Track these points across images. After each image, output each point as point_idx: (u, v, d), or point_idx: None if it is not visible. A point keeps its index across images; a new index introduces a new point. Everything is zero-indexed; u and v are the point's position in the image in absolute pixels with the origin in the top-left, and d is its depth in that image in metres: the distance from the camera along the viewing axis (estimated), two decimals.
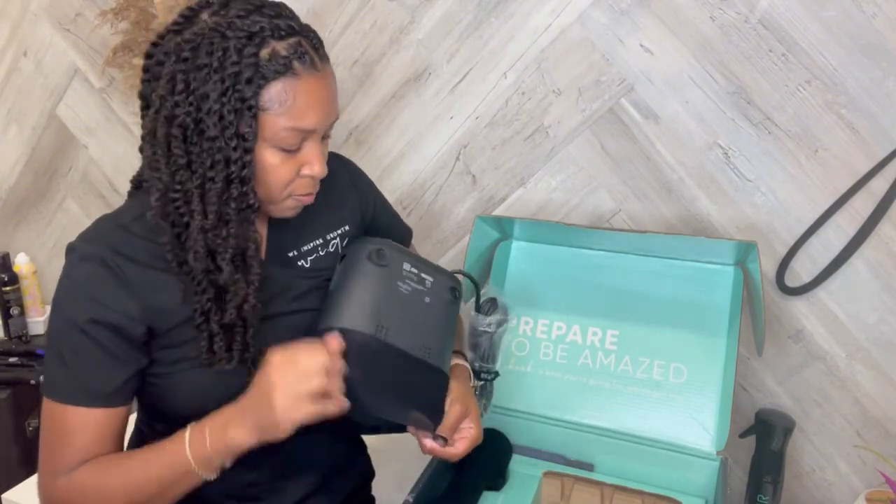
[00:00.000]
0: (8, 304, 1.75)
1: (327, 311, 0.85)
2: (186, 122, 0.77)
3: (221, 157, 0.78)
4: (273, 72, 0.76)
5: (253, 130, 0.77)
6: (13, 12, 1.71)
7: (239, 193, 0.79)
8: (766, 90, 1.13)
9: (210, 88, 0.75)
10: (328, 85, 0.81)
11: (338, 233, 0.98)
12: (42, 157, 1.81)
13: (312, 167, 0.82)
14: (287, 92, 0.77)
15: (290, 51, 0.77)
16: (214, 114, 0.76)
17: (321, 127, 0.81)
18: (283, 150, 0.80)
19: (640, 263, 1.17)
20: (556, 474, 1.11)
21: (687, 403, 1.14)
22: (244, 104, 0.76)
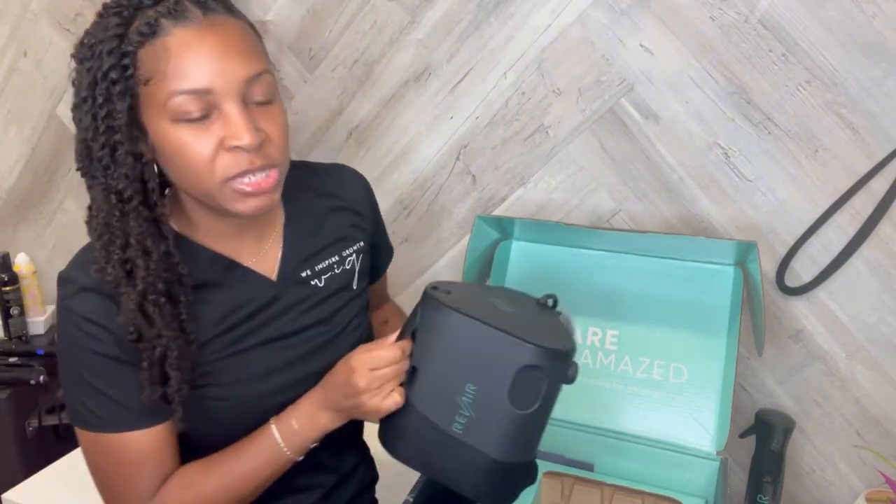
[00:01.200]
0: (8, 304, 1.75)
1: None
2: (82, 124, 0.73)
3: (97, 147, 0.72)
4: (139, 36, 0.69)
5: (120, 108, 0.70)
6: (13, 12, 1.71)
7: (115, 182, 0.73)
8: (766, 90, 1.13)
9: (84, 78, 0.71)
10: (218, 35, 0.70)
11: (354, 249, 0.95)
12: (42, 157, 1.81)
13: (236, 135, 0.71)
14: (159, 54, 0.69)
15: (158, 12, 0.70)
16: (86, 102, 0.71)
17: (222, 84, 0.70)
18: (188, 123, 0.71)
19: (640, 263, 1.17)
20: (556, 474, 1.11)
21: (687, 403, 1.14)
22: (107, 80, 0.69)
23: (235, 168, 0.73)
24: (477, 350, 0.75)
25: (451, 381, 0.76)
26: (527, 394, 0.74)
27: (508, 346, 0.73)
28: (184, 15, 0.70)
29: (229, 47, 0.71)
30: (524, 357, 0.73)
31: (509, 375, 0.73)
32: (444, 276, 1.47)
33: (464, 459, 0.76)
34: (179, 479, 0.82)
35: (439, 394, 0.76)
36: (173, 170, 0.75)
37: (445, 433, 0.76)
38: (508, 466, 0.78)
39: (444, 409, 0.76)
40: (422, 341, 0.78)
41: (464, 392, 0.75)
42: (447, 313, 0.75)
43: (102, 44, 0.69)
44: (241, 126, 0.71)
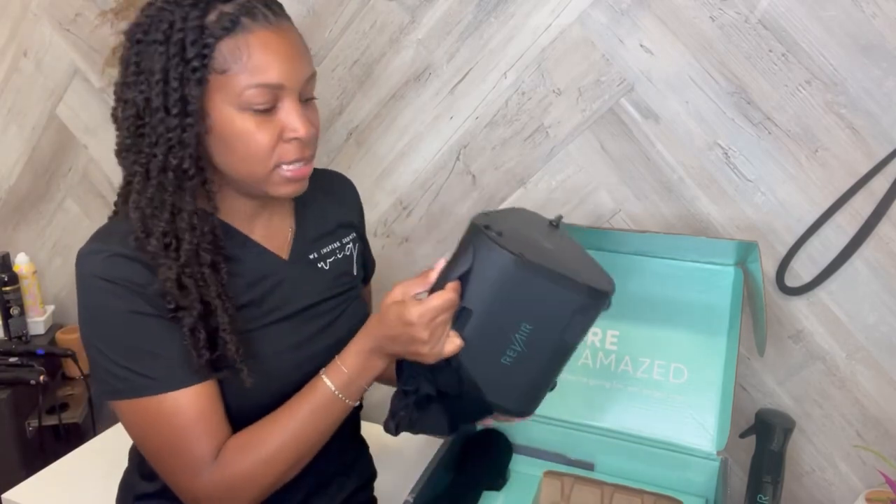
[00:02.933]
0: (8, 304, 1.75)
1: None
2: (138, 101, 0.77)
3: (163, 128, 0.76)
4: (221, 29, 0.75)
5: (196, 94, 0.75)
6: (13, 12, 1.71)
7: (177, 161, 0.77)
8: (766, 90, 1.13)
9: (157, 61, 0.75)
10: (288, 38, 0.79)
11: (350, 238, 1.02)
12: (42, 157, 1.81)
13: (295, 128, 0.79)
14: (241, 48, 0.75)
15: (237, 9, 0.76)
16: (158, 83, 0.75)
17: (290, 81, 0.78)
18: (255, 113, 0.77)
19: (640, 263, 1.17)
20: (557, 474, 1.11)
21: (687, 403, 1.14)
22: (188, 67, 0.74)
23: (290, 156, 0.80)
24: (535, 294, 0.77)
25: (505, 321, 0.78)
26: (576, 329, 0.80)
27: (568, 290, 0.77)
28: (261, 15, 0.76)
29: (297, 49, 0.80)
30: (582, 300, 0.78)
31: (566, 316, 0.78)
32: None
33: (507, 382, 0.81)
34: (238, 442, 0.82)
35: (493, 332, 0.79)
36: (229, 153, 0.79)
37: (495, 364, 0.80)
38: (547, 387, 0.84)
39: (496, 345, 0.79)
40: (476, 283, 0.78)
41: (518, 330, 0.78)
42: (507, 258, 0.76)
43: (182, 32, 0.74)
44: (301, 120, 0.79)
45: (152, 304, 0.78)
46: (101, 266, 0.78)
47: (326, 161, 1.47)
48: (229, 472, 0.80)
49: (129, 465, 1.01)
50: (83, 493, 1.28)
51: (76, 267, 0.80)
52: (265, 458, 0.81)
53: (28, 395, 1.61)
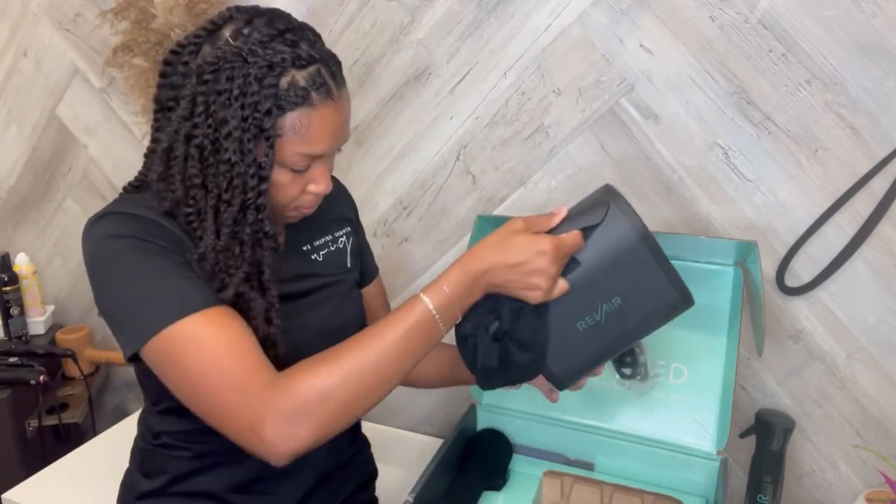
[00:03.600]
0: (8, 304, 1.75)
1: None
2: (205, 143, 0.79)
3: (239, 182, 0.79)
4: (291, 103, 0.78)
5: (269, 160, 0.79)
6: (13, 12, 1.71)
7: (254, 220, 0.81)
8: (766, 90, 1.13)
9: (230, 114, 0.77)
10: (342, 112, 0.83)
11: (343, 232, 1.04)
12: (42, 157, 1.81)
13: (318, 185, 0.85)
14: (302, 121, 0.79)
15: (308, 81, 0.78)
16: (234, 140, 0.77)
17: (331, 151, 0.84)
18: (292, 171, 0.82)
19: None
20: (556, 474, 1.11)
21: (687, 403, 1.14)
22: (262, 133, 0.77)
23: (308, 205, 0.87)
24: (643, 273, 0.81)
25: (604, 286, 0.82)
26: (654, 321, 0.85)
27: (671, 284, 0.82)
28: (325, 92, 0.79)
29: (345, 121, 0.85)
30: (676, 298, 0.83)
31: (656, 305, 0.83)
32: None
33: (569, 347, 0.84)
34: (311, 360, 0.77)
35: (586, 293, 0.82)
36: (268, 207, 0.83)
37: (570, 326, 0.83)
38: (594, 367, 0.89)
39: (582, 307, 0.83)
40: (596, 241, 0.82)
41: (609, 301, 0.82)
42: (637, 228, 0.81)
43: (257, 96, 0.76)
44: (324, 180, 0.85)
45: (163, 248, 0.78)
46: (112, 226, 0.79)
47: None
48: (296, 389, 0.72)
49: (131, 465, 1.01)
50: (83, 493, 1.28)
51: (85, 233, 0.80)
52: (345, 373, 0.74)
53: (28, 395, 1.61)
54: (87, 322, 1.88)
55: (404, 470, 1.26)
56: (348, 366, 0.75)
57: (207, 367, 0.74)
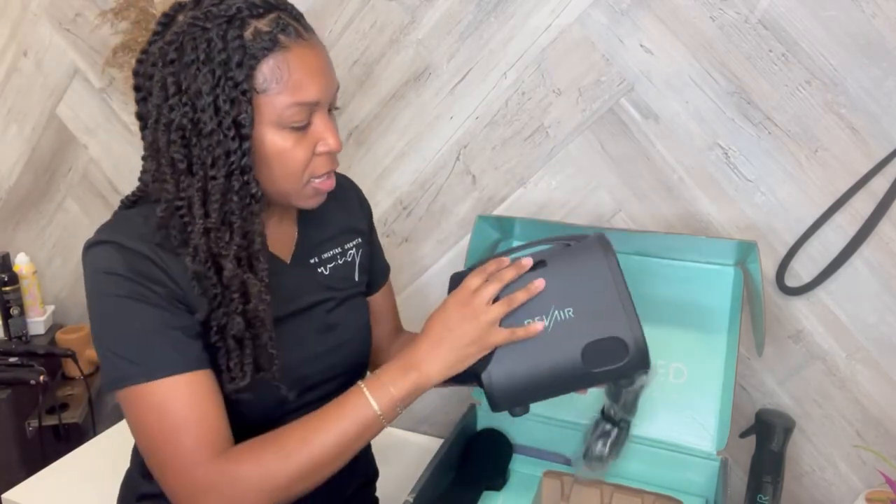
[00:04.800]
0: (8, 304, 1.75)
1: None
2: (184, 123, 0.75)
3: (221, 151, 0.76)
4: (261, 49, 0.74)
5: (249, 115, 0.75)
6: (13, 12, 1.71)
7: (241, 185, 0.77)
8: (766, 90, 1.13)
9: (202, 82, 0.74)
10: (320, 52, 0.80)
11: (353, 244, 1.01)
12: (42, 157, 1.81)
13: (327, 141, 0.81)
14: (280, 67, 0.75)
15: (272, 25, 0.75)
16: (209, 107, 0.74)
17: (325, 97, 0.79)
18: (292, 130, 0.78)
19: (640, 263, 1.17)
20: (556, 474, 1.11)
21: (687, 403, 1.14)
22: (237, 89, 0.74)
23: (322, 169, 0.82)
24: (601, 300, 0.81)
25: (563, 293, 0.82)
26: (596, 357, 0.81)
27: (624, 319, 0.81)
28: (295, 32, 0.77)
29: (327, 63, 0.81)
30: (625, 333, 0.80)
31: (603, 332, 0.80)
32: (444, 276, 1.47)
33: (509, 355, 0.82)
34: (253, 442, 0.79)
35: (545, 292, 0.81)
36: (267, 170, 0.79)
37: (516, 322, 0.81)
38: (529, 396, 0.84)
39: (537, 304, 0.81)
40: (569, 254, 0.85)
41: (563, 309, 0.81)
42: (605, 255, 0.83)
43: (225, 52, 0.73)
44: (332, 134, 0.81)
45: (156, 295, 0.77)
46: (104, 259, 0.78)
47: None
48: (239, 478, 0.76)
49: (131, 465, 1.01)
50: (83, 493, 1.28)
51: (83, 258, 0.80)
52: (287, 463, 0.77)
53: (28, 395, 1.61)
54: (87, 322, 1.87)
55: (404, 470, 1.26)
56: (292, 457, 0.77)
57: (164, 434, 0.77)
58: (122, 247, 0.77)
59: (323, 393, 0.94)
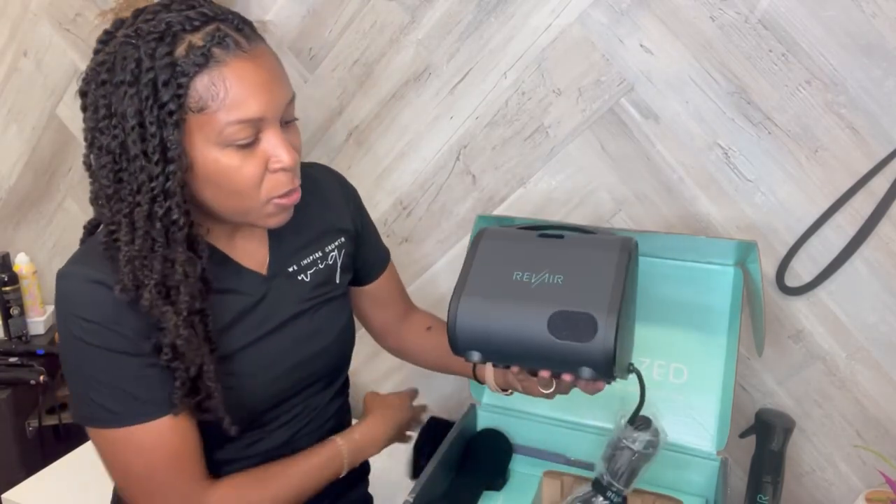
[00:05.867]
0: (8, 304, 1.75)
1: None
2: (112, 147, 0.72)
3: (145, 176, 0.72)
4: (193, 66, 0.70)
5: (176, 138, 0.71)
6: (13, 12, 1.71)
7: (164, 211, 0.73)
8: (766, 90, 1.13)
9: (128, 104, 0.70)
10: (264, 64, 0.74)
11: (335, 245, 0.97)
12: (42, 157, 1.81)
13: (280, 158, 0.75)
14: (216, 83, 0.70)
15: (206, 39, 0.71)
16: (134, 130, 0.70)
17: (270, 112, 0.74)
18: (238, 148, 0.73)
19: (640, 263, 1.17)
20: (557, 474, 1.11)
21: (687, 403, 1.14)
22: (164, 110, 0.70)
23: (281, 188, 0.77)
24: (596, 276, 0.78)
25: (561, 261, 0.80)
26: (563, 327, 0.76)
27: (607, 301, 0.76)
28: (233, 44, 0.72)
29: (274, 74, 0.75)
30: (600, 314, 0.76)
31: (578, 306, 0.76)
32: (445, 276, 1.47)
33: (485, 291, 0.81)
34: (228, 486, 0.83)
35: (545, 255, 0.81)
36: (215, 190, 0.76)
37: (506, 271, 0.80)
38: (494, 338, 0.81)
39: (532, 260, 0.80)
40: (591, 238, 0.85)
41: (554, 275, 0.79)
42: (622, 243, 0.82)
43: (152, 71, 0.69)
44: (285, 149, 0.75)
45: (126, 340, 0.76)
46: (73, 297, 0.76)
47: (326, 161, 1.47)
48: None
49: None
50: (83, 493, 1.28)
51: (56, 288, 0.77)
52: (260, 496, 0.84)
53: (28, 395, 1.61)
54: None
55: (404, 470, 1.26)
56: (270, 493, 0.85)
57: (138, 475, 0.78)
58: (90, 282, 0.75)
59: (302, 398, 0.94)
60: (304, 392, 0.94)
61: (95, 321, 0.75)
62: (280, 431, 0.92)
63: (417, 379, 1.50)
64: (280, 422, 0.92)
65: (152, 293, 0.74)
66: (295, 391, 0.92)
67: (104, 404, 0.76)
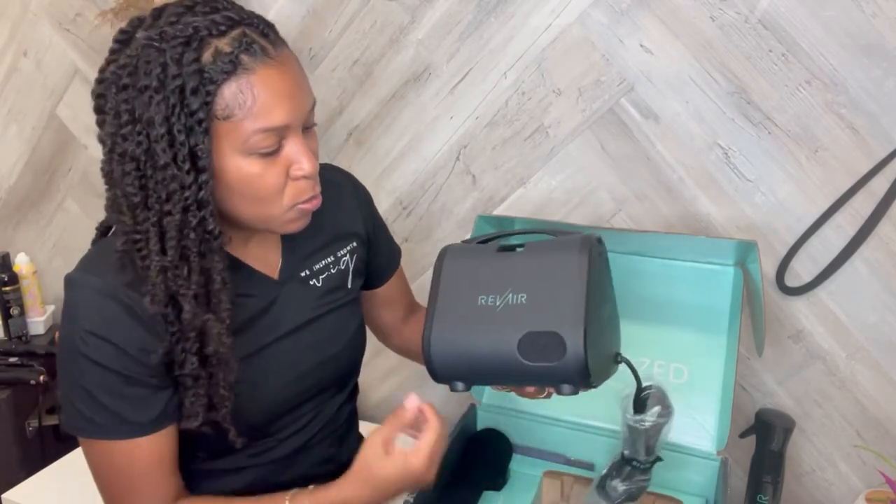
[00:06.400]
0: (8, 304, 1.75)
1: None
2: (137, 154, 0.70)
3: (176, 185, 0.70)
4: (221, 73, 0.69)
5: (206, 146, 0.69)
6: (13, 12, 1.71)
7: (198, 221, 0.72)
8: (766, 90, 1.13)
9: (155, 110, 0.68)
10: (289, 70, 0.73)
11: (347, 249, 0.96)
12: (42, 157, 1.81)
13: (301, 165, 0.75)
14: (244, 91, 0.69)
15: (234, 45, 0.69)
16: (163, 137, 0.69)
17: (295, 119, 0.73)
18: (261, 156, 0.73)
19: (640, 263, 1.17)
20: (557, 474, 1.11)
21: (687, 403, 1.14)
22: (193, 118, 0.68)
23: (303, 195, 0.77)
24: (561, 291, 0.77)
25: (523, 278, 0.78)
26: (533, 350, 0.75)
27: (572, 316, 0.75)
28: (260, 50, 0.71)
29: (298, 81, 0.74)
30: (567, 332, 0.74)
31: (545, 325, 0.75)
32: None
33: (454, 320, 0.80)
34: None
35: (507, 274, 0.79)
36: (238, 198, 0.75)
37: (471, 298, 0.79)
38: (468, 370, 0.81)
39: (495, 283, 0.79)
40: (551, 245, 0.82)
41: (518, 294, 0.77)
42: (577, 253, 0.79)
43: (180, 77, 0.68)
44: (307, 157, 0.75)
45: (128, 358, 0.75)
46: (87, 310, 0.75)
47: (326, 161, 1.47)
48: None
49: None
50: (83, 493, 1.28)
51: (65, 294, 0.77)
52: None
53: (28, 395, 1.61)
54: None
55: None
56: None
57: (118, 487, 0.81)
58: (101, 295, 0.75)
59: (314, 405, 0.94)
60: (314, 399, 0.93)
61: (100, 335, 0.74)
62: (292, 439, 0.92)
63: (417, 379, 1.50)
64: (291, 429, 0.91)
65: (192, 304, 0.73)
66: (305, 398, 0.92)
67: (89, 416, 0.77)
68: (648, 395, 0.95)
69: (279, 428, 0.90)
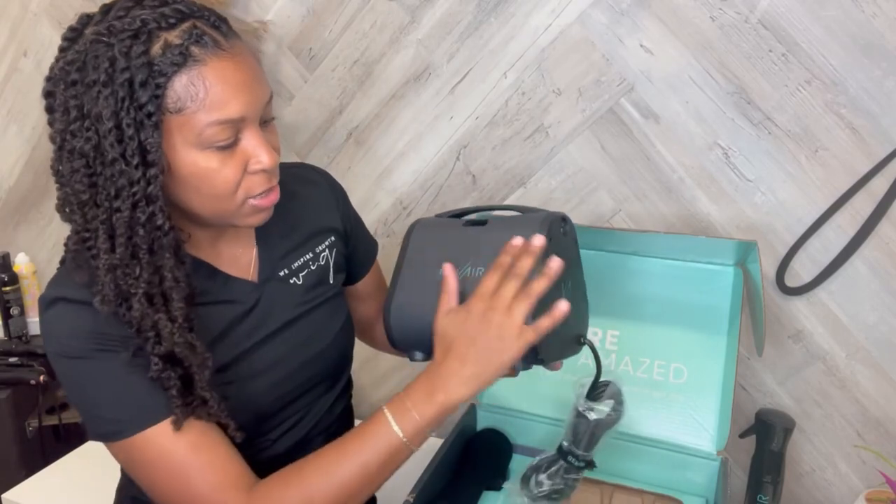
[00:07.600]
0: (8, 304, 1.75)
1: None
2: (86, 150, 0.69)
3: (125, 181, 0.69)
4: (170, 65, 0.67)
5: (156, 140, 0.68)
6: (13, 12, 1.71)
7: (147, 217, 0.71)
8: (766, 90, 1.13)
9: (103, 105, 0.67)
10: (244, 62, 0.72)
11: (325, 244, 0.96)
12: (42, 157, 1.81)
13: (260, 159, 0.73)
14: (195, 83, 0.68)
15: (184, 37, 0.68)
16: (111, 132, 0.67)
17: (250, 111, 0.72)
18: (217, 150, 0.71)
19: (640, 263, 1.17)
20: None
21: (687, 403, 1.14)
22: (142, 111, 0.67)
23: (258, 188, 0.76)
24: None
25: (486, 253, 0.79)
26: None
27: None
28: (212, 42, 0.70)
29: (253, 73, 0.73)
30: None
31: None
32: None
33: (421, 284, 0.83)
34: (279, 477, 0.77)
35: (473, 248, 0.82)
36: (193, 193, 0.74)
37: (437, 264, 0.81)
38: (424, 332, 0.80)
39: (456, 257, 0.81)
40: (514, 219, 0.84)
41: (476, 267, 0.79)
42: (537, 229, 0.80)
43: (128, 71, 0.67)
44: (265, 150, 0.74)
45: (116, 347, 0.74)
46: (56, 322, 0.74)
47: (326, 161, 1.47)
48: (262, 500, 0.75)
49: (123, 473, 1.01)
50: (83, 493, 1.28)
51: (40, 318, 0.76)
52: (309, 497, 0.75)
53: (28, 395, 1.61)
54: None
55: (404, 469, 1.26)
56: (313, 490, 0.75)
57: (174, 482, 0.75)
58: (68, 302, 0.74)
59: (305, 402, 0.93)
60: (306, 395, 0.93)
61: (82, 337, 0.73)
62: (284, 438, 0.91)
63: None
64: (283, 428, 0.91)
65: (142, 303, 0.72)
66: (296, 395, 0.92)
67: (111, 416, 0.75)
68: (605, 387, 0.93)
69: (272, 427, 0.90)
